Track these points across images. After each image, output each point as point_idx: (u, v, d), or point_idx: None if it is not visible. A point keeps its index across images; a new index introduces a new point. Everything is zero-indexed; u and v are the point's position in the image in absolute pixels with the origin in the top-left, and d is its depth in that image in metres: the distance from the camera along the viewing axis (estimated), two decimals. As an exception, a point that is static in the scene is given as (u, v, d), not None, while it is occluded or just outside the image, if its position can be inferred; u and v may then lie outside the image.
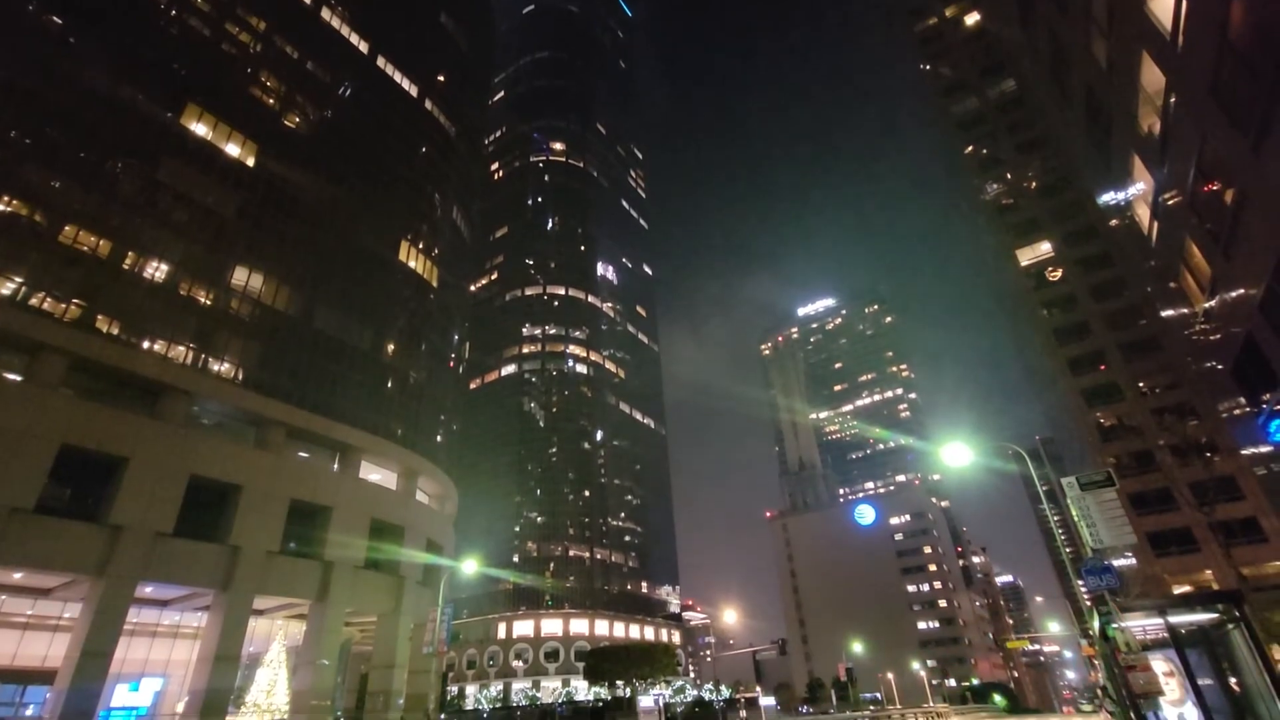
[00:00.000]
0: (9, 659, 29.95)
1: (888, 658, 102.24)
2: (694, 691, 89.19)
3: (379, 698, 36.56)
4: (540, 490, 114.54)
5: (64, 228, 31.55)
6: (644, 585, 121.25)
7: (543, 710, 64.77)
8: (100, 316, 31.65)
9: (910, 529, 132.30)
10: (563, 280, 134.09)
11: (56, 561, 26.40)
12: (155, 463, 29.52)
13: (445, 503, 50.40)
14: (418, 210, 54.97)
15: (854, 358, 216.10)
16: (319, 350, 41.10)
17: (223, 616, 30.39)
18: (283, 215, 42.05)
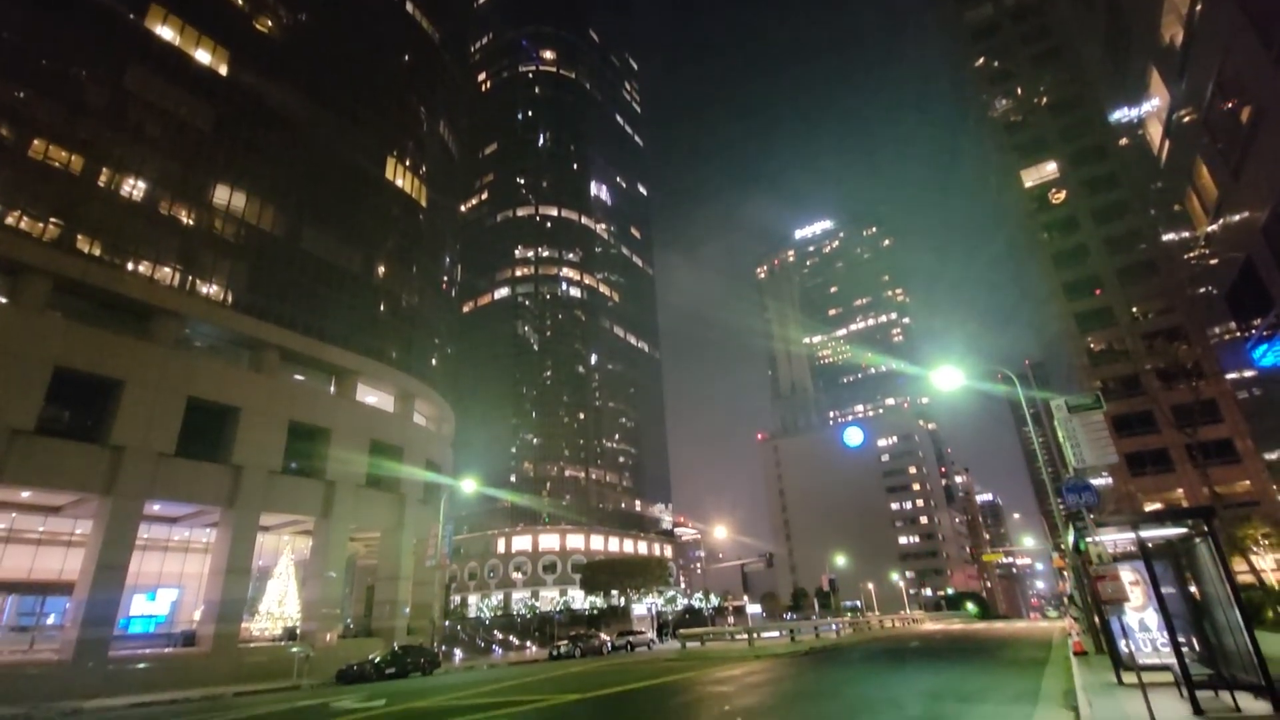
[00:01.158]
0: (25, 573, 31.15)
1: (869, 570, 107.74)
2: (685, 601, 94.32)
3: (386, 606, 38.52)
4: (536, 413, 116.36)
5: (32, 141, 30.13)
6: (637, 503, 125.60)
7: (542, 618, 68.68)
8: (80, 236, 30.79)
9: (897, 450, 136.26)
10: (555, 200, 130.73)
11: (62, 481, 26.95)
12: (152, 385, 29.60)
13: (442, 425, 51.21)
14: (403, 125, 52.67)
15: (850, 281, 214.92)
16: (309, 273, 40.45)
17: (231, 532, 31.45)
18: (262, 130, 40.23)
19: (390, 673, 28.41)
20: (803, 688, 16.86)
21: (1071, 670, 15.68)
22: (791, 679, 18.80)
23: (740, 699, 14.52)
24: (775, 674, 20.17)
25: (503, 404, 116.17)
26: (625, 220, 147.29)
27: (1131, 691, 11.11)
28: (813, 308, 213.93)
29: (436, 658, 32.62)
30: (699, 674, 21.16)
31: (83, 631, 25.58)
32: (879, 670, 20.27)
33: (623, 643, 42.80)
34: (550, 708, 14.69)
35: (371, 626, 38.93)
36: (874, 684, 16.43)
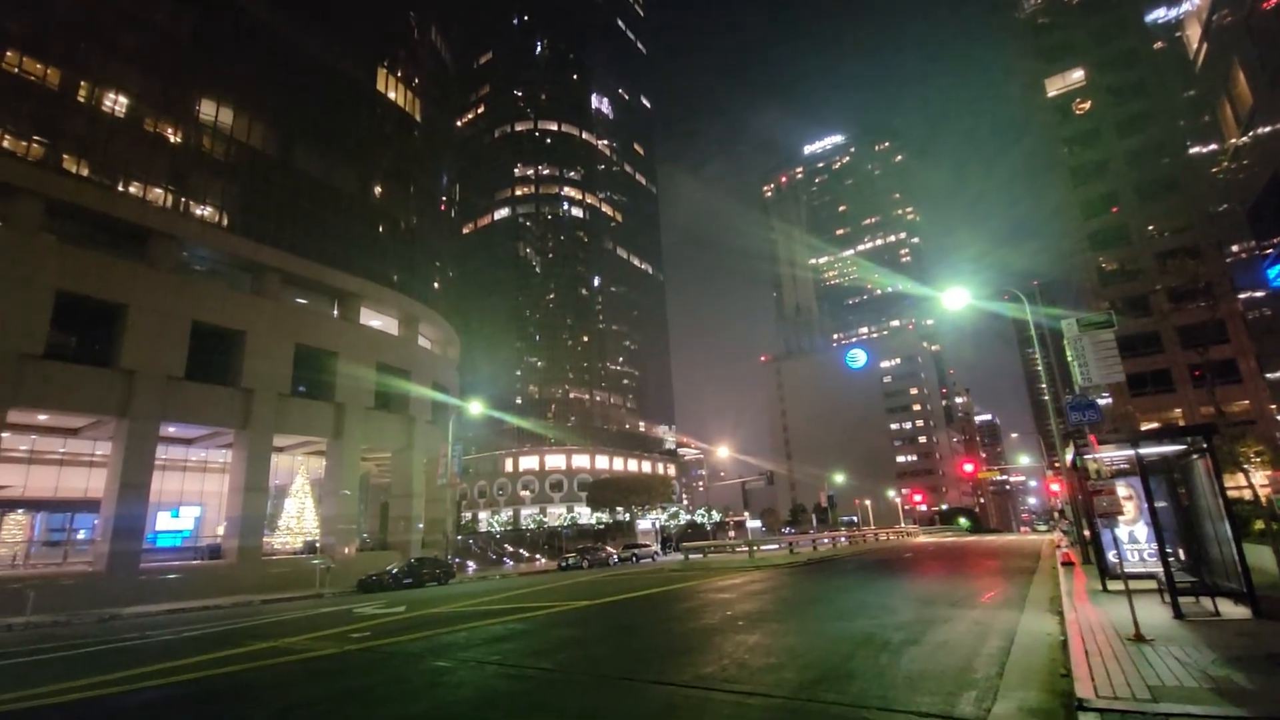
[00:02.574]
0: (51, 491, 32.30)
1: (866, 487, 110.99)
2: (687, 516, 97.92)
3: (400, 522, 40.09)
4: (539, 336, 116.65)
5: (4, 53, 28.63)
6: (641, 424, 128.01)
7: (550, 532, 71.62)
8: (67, 156, 29.84)
9: (900, 372, 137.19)
10: (555, 114, 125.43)
11: (77, 403, 27.43)
12: (155, 309, 29.54)
13: (447, 348, 51.44)
14: (392, 32, 49.78)
15: (859, 199, 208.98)
16: (304, 193, 39.42)
17: (246, 453, 32.32)
18: (243, 39, 38.08)
19: (407, 582, 29.91)
20: (800, 594, 17.65)
21: (1058, 579, 16.31)
22: (789, 587, 19.68)
23: (741, 605, 15.23)
24: (774, 583, 21.10)
25: (506, 327, 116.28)
26: (628, 135, 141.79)
27: (1116, 598, 11.56)
28: (820, 227, 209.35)
29: (451, 569, 34.24)
30: (701, 583, 22.16)
31: (113, 545, 26.80)
32: (873, 579, 21.19)
33: (628, 555, 44.73)
34: (561, 613, 15.46)
35: (387, 541, 40.68)
36: (868, 590, 17.19)
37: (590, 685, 7.76)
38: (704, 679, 7.42)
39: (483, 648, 10.79)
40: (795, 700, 6.34)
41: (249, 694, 8.52)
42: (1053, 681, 6.66)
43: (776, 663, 8.21)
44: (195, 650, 12.33)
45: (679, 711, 6.29)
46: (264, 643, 12.79)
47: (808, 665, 7.97)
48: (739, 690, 6.80)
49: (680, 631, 11.82)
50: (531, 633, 12.54)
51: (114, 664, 11.19)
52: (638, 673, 8.11)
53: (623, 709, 6.57)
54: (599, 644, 11.29)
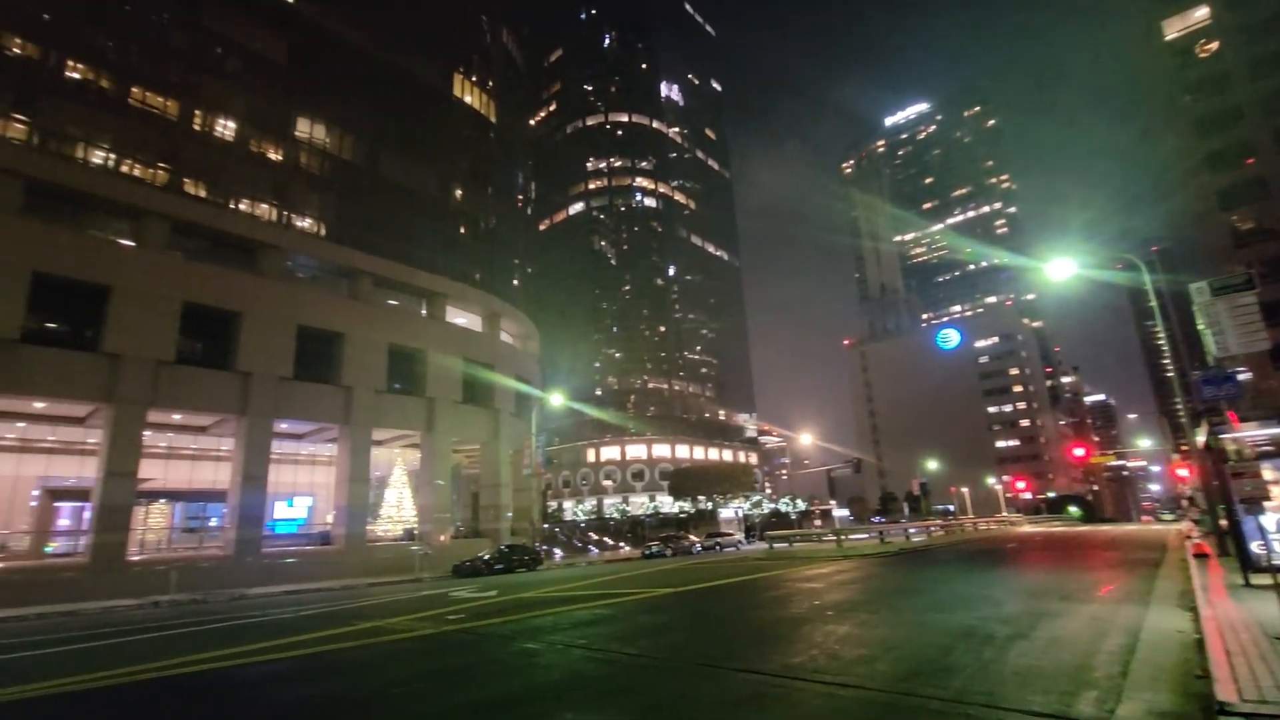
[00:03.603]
0: (186, 483, 35.90)
1: (963, 474, 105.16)
2: (770, 505, 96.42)
3: (490, 511, 41.74)
4: (617, 327, 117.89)
5: (131, 89, 31.79)
6: (721, 413, 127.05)
7: (633, 521, 72.52)
8: (186, 179, 32.85)
9: (997, 351, 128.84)
10: (625, 105, 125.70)
11: (203, 403, 30.25)
12: (266, 315, 32.05)
13: (528, 342, 52.87)
14: (465, 37, 51.36)
15: (947, 170, 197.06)
16: (390, 199, 41.54)
17: (349, 446, 34.59)
18: (330, 57, 40.46)
19: (499, 568, 31.11)
20: (893, 584, 16.92)
21: (1190, 572, 14.76)
22: (881, 577, 18.91)
23: (830, 594, 14.77)
24: (865, 572, 20.36)
25: (584, 320, 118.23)
26: (699, 121, 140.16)
27: (1262, 594, 10.30)
28: (905, 202, 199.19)
29: (539, 555, 35.32)
30: (788, 572, 21.71)
31: (239, 531, 29.46)
32: (972, 570, 20.00)
33: (711, 544, 44.57)
34: (645, 599, 15.56)
35: (479, 528, 42.44)
36: (967, 582, 16.23)
37: (676, 671, 7.72)
38: (792, 669, 7.21)
39: (570, 631, 11.00)
40: (890, 693, 6.03)
41: (357, 669, 9.11)
42: (1186, 683, 6.00)
43: (869, 654, 7.86)
44: (311, 628, 13.32)
45: (767, 701, 6.13)
46: (370, 622, 13.63)
47: (903, 658, 7.58)
48: (829, 681, 6.55)
49: (766, 620, 11.59)
50: (617, 618, 12.68)
51: (243, 638, 12.27)
52: (724, 660, 7.99)
53: (709, 696, 6.47)
54: (684, 631, 11.25)
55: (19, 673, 9.84)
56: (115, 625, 16.10)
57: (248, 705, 7.24)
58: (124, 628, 15.39)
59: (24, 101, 28.66)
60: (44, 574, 25.13)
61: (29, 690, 8.13)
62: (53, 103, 29.53)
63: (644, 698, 6.61)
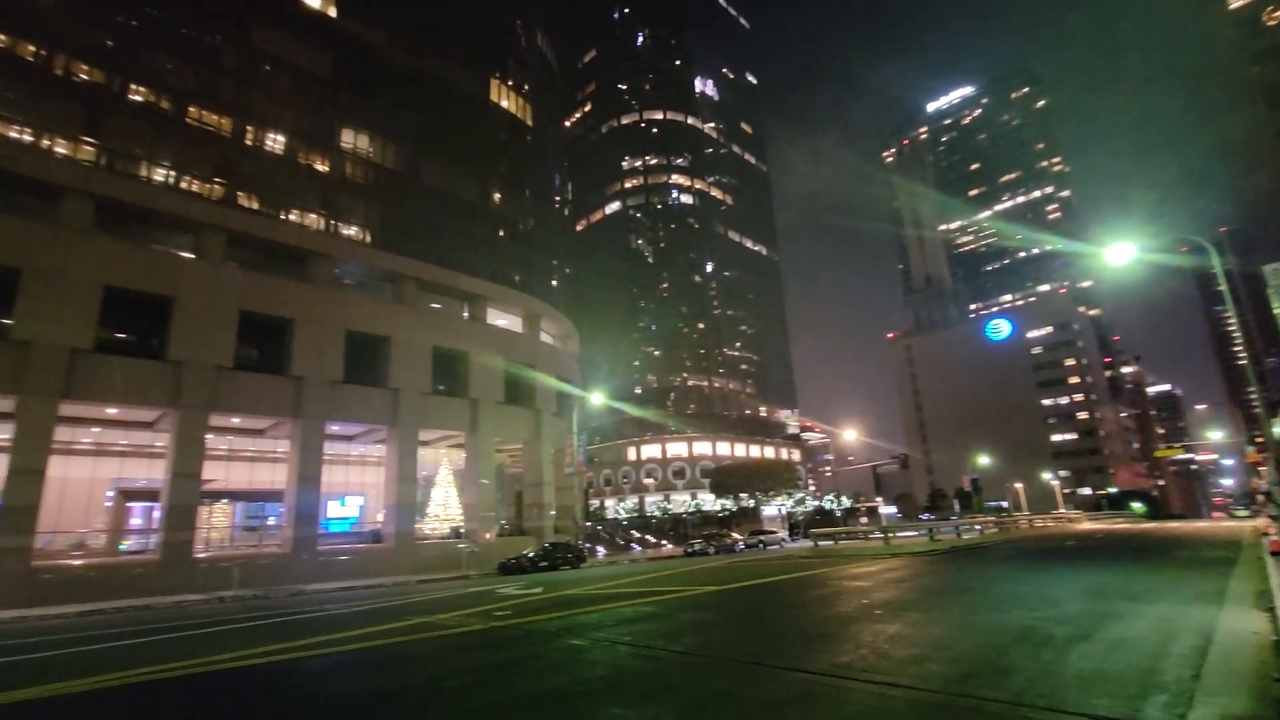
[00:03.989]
0: (246, 483, 37.50)
1: (1016, 470, 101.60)
2: (814, 502, 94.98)
3: (533, 509, 42.33)
4: (655, 326, 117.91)
5: (188, 109, 33.37)
6: (762, 409, 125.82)
7: (675, 519, 72.46)
8: (240, 192, 34.31)
9: (1051, 341, 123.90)
10: (659, 103, 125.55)
11: (261, 407, 31.57)
12: (317, 321, 33.23)
13: (567, 342, 53.38)
14: (500, 42, 52.12)
15: (995, 155, 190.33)
16: (431, 204, 42.51)
17: (397, 447, 35.56)
18: (371, 67, 41.63)
19: (543, 566, 31.53)
20: (946, 583, 16.48)
21: (1267, 571, 13.91)
22: (933, 575, 18.44)
23: (879, 593, 14.47)
24: (914, 571, 19.87)
25: (623, 319, 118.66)
26: (734, 115, 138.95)
27: (1352, 595, 9.63)
28: (950, 189, 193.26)
29: (582, 553, 35.65)
30: (834, 570, 21.36)
31: (295, 530, 30.63)
32: (1030, 568, 19.31)
33: (754, 541, 44.19)
34: (689, 597, 15.54)
35: (523, 527, 43.09)
36: (1023, 581, 15.67)
37: (722, 668, 7.69)
38: (841, 667, 7.09)
39: (615, 628, 11.07)
40: (944, 694, 5.87)
41: (410, 662, 9.37)
42: (1263, 686, 5.66)
43: (920, 654, 7.67)
44: (365, 623, 13.76)
45: (815, 699, 6.04)
46: (421, 618, 13.99)
47: (957, 658, 7.37)
48: (880, 681, 6.41)
49: (813, 619, 11.44)
50: (661, 615, 12.70)
51: (302, 632, 12.76)
52: (770, 658, 7.92)
53: (756, 694, 6.43)
54: (729, 628, 11.20)
55: (114, 662, 10.48)
56: (186, 619, 16.96)
57: (312, 696, 7.53)
58: (194, 621, 16.19)
59: (92, 125, 30.38)
60: (119, 570, 26.61)
61: (127, 677, 8.65)
62: (117, 125, 31.23)
63: (690, 695, 6.61)
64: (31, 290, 24.99)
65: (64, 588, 23.85)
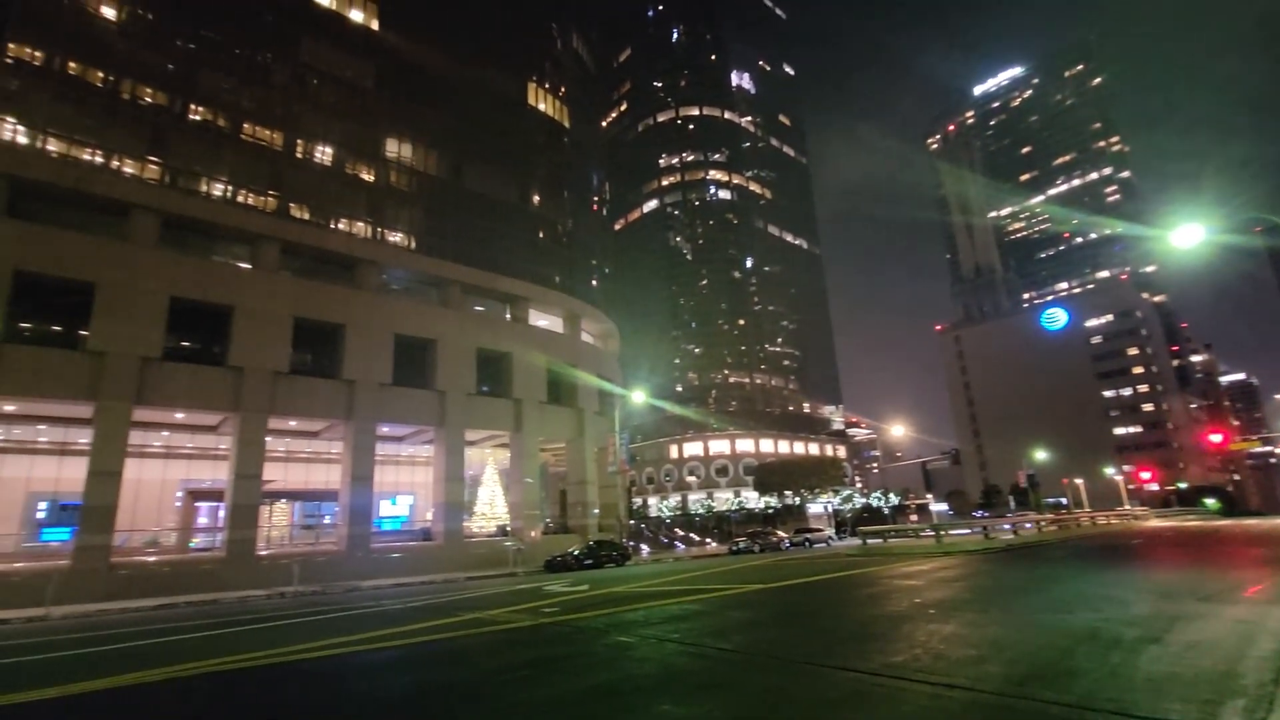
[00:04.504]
0: (303, 483, 39.00)
1: (1076, 464, 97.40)
2: (861, 499, 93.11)
3: (577, 507, 42.76)
4: (695, 323, 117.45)
5: (243, 125, 34.88)
6: (805, 405, 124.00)
7: (719, 516, 72.10)
8: (291, 204, 35.68)
9: (1112, 330, 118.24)
10: (695, 99, 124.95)
11: (315, 410, 32.83)
12: (366, 326, 34.33)
13: (608, 341, 53.68)
14: (537, 46, 52.69)
15: (1047, 137, 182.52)
16: (473, 208, 43.33)
17: (444, 447, 36.43)
18: (412, 76, 42.66)
19: (588, 563, 31.81)
20: (1002, 582, 15.94)
21: (1361, 572, 12.98)
22: (988, 574, 17.86)
23: (931, 592, 14.09)
24: (968, 569, 19.28)
25: (663, 317, 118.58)
26: (772, 108, 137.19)
27: None
28: (1000, 174, 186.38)
29: (627, 551, 35.83)
30: (883, 569, 20.91)
31: (350, 529, 31.73)
32: (1092, 567, 18.50)
33: (800, 539, 43.59)
34: (736, 595, 15.45)
35: (567, 524, 43.57)
36: (1086, 580, 15.02)
37: (771, 667, 7.63)
38: (894, 667, 6.94)
39: (662, 626, 11.09)
40: (1004, 697, 5.68)
41: (463, 657, 9.61)
42: (1359, 694, 5.29)
43: (978, 655, 7.44)
44: (418, 618, 14.14)
45: (868, 699, 5.93)
46: (471, 614, 14.31)
47: (1017, 659, 7.13)
48: (935, 681, 6.25)
49: (864, 618, 11.22)
50: (708, 613, 12.66)
51: (361, 627, 13.22)
52: (820, 657, 7.81)
53: (806, 693, 6.35)
54: (777, 627, 11.09)
55: (191, 653, 11.07)
56: (252, 613, 17.76)
57: (371, 688, 7.80)
58: (259, 616, 16.94)
59: (156, 144, 32.05)
60: (189, 566, 28.07)
61: (204, 667, 9.14)
62: (179, 144, 32.84)
63: (740, 692, 6.57)
64: (105, 303, 26.58)
65: (139, 583, 25.30)
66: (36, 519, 31.68)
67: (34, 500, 31.76)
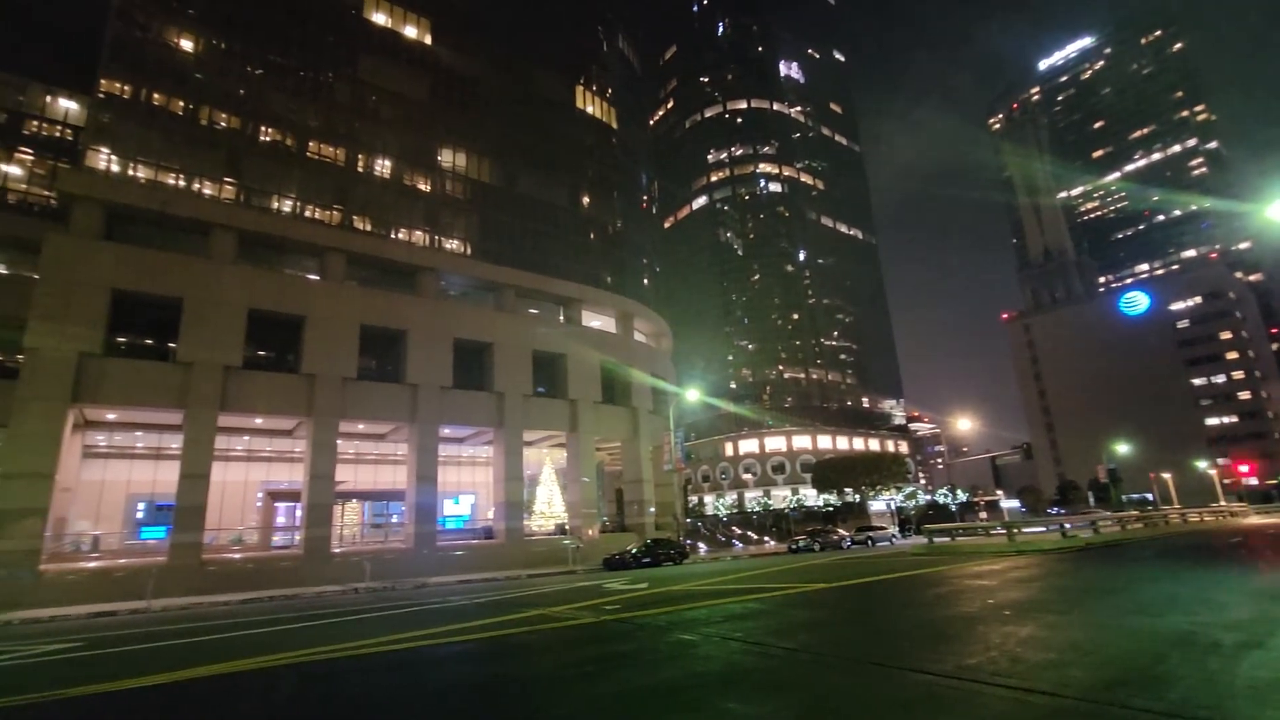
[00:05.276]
0: (372, 484, 40.67)
1: (1162, 458, 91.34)
2: (926, 496, 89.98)
3: (634, 506, 42.98)
4: (747, 319, 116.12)
5: (309, 144, 36.66)
6: (864, 400, 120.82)
7: (776, 514, 71.06)
8: (355, 216, 37.28)
9: (1201, 313, 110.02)
10: (742, 92, 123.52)
11: (381, 413, 34.17)
12: (427, 331, 35.50)
13: (661, 340, 53.72)
14: (584, 49, 53.23)
15: (1122, 109, 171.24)
16: (525, 213, 44.20)
17: (503, 447, 37.30)
18: (464, 87, 43.85)
19: (646, 562, 31.94)
20: (1083, 583, 15.13)
21: None
22: (1066, 574, 16.98)
23: (1005, 593, 13.51)
24: (1045, 569, 18.39)
25: (714, 314, 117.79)
26: (822, 96, 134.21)
27: None
28: (1070, 152, 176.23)
29: (685, 549, 35.80)
30: (952, 568, 20.18)
31: (416, 527, 32.91)
32: (1183, 567, 17.32)
33: (862, 538, 42.53)
34: (798, 594, 15.22)
35: (624, 523, 43.86)
36: (1177, 581, 14.07)
37: (837, 667, 7.49)
38: (968, 670, 6.70)
39: (724, 624, 11.05)
40: (1090, 703, 5.40)
41: (529, 652, 9.84)
42: None
43: (1059, 659, 7.10)
44: (484, 614, 14.56)
45: (943, 702, 5.75)
46: (534, 610, 14.62)
47: (1103, 664, 6.77)
48: (1013, 686, 6.00)
49: (933, 618, 10.87)
50: (770, 612, 12.53)
51: (431, 621, 13.71)
52: (888, 658, 7.62)
53: (875, 694, 6.21)
54: (843, 626, 10.88)
55: (278, 645, 11.78)
56: (329, 607, 18.68)
57: (446, 680, 8.10)
58: (336, 610, 17.81)
59: (231, 166, 34.08)
60: (270, 563, 29.71)
61: (289, 658, 9.71)
62: (251, 165, 34.83)
63: (806, 692, 6.49)
64: (191, 317, 28.45)
65: (226, 578, 26.99)
66: (136, 518, 34.22)
67: (133, 501, 34.32)
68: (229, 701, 7.61)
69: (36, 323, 25.16)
